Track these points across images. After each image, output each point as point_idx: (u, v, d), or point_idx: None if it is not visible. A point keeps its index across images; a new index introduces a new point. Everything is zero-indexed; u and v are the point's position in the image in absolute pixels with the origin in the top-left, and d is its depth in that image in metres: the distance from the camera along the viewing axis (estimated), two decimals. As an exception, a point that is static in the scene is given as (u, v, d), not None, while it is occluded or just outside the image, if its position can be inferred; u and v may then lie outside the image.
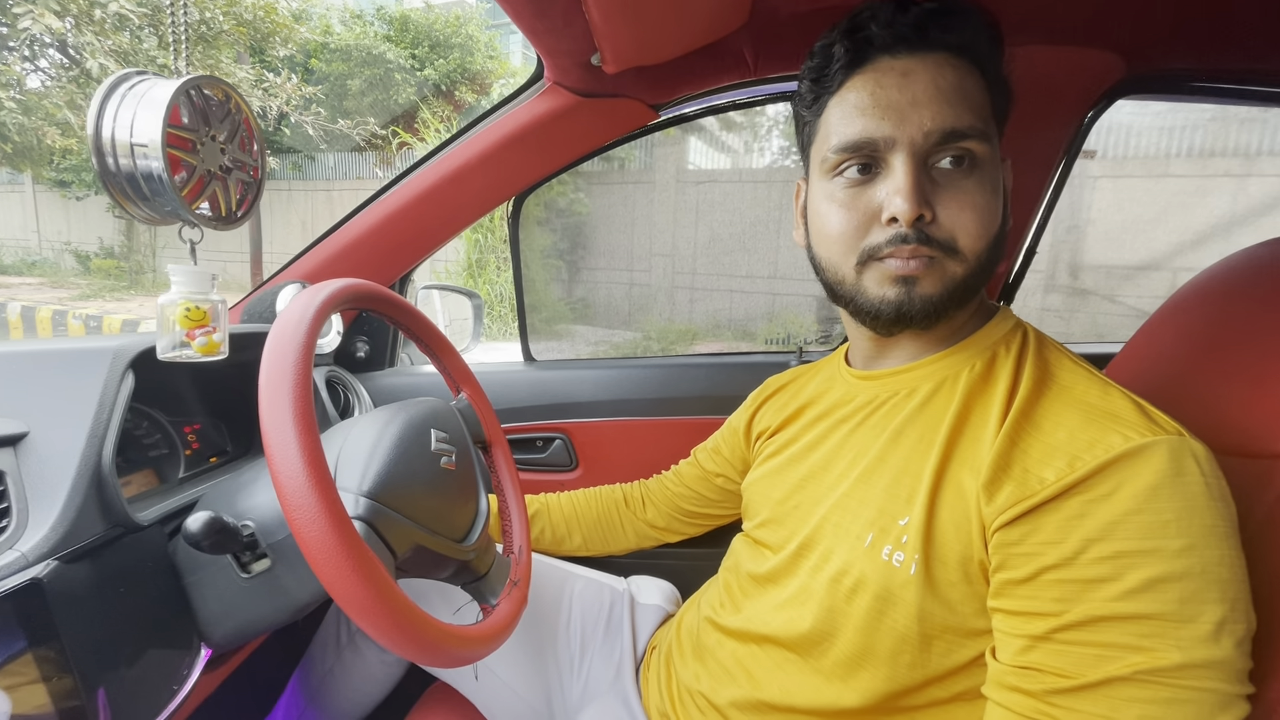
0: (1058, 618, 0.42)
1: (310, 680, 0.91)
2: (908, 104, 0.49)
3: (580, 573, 0.88)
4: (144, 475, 0.69)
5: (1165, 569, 0.39)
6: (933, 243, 0.49)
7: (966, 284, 0.51)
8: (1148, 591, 0.39)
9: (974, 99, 0.50)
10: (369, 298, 0.61)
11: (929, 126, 0.48)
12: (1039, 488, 0.43)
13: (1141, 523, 0.40)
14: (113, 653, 0.49)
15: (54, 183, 8.50)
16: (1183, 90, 0.88)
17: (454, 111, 7.81)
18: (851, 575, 0.53)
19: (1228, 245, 3.31)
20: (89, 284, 8.03)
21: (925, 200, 0.49)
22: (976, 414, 0.51)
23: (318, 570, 0.42)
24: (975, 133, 0.48)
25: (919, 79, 0.49)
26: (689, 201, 5.12)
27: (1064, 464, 0.43)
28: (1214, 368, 0.55)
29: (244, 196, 0.64)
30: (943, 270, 0.50)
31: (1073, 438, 0.44)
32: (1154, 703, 0.38)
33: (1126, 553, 0.40)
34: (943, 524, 0.48)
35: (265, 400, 0.44)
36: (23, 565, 0.45)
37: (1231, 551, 0.40)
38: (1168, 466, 0.41)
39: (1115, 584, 0.40)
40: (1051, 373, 0.50)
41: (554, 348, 4.97)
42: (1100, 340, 3.44)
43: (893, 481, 0.53)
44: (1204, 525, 0.39)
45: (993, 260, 0.52)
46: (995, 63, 0.52)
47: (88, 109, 0.54)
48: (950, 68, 0.49)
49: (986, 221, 0.50)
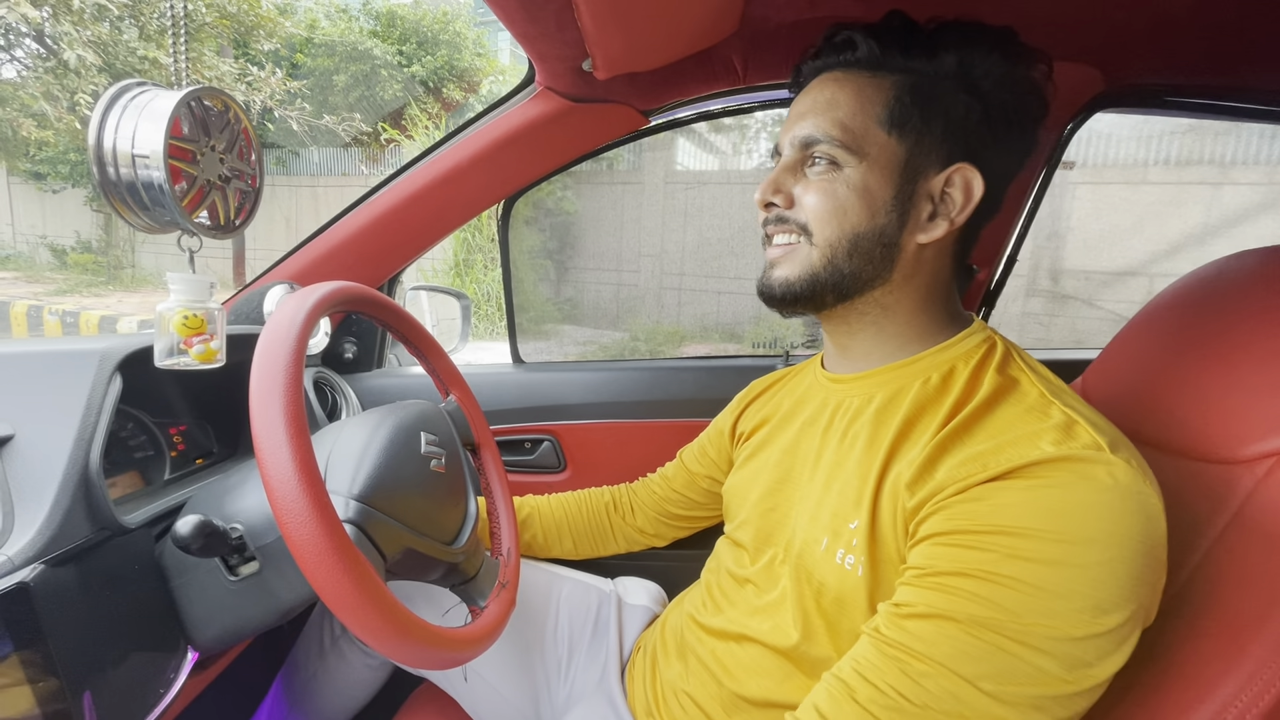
0: (928, 568, 0.46)
1: (294, 684, 0.90)
2: (795, 117, 0.58)
3: (567, 575, 0.88)
4: (129, 477, 0.68)
5: (1035, 549, 0.42)
6: (789, 222, 0.58)
7: (826, 271, 0.56)
8: (1015, 560, 0.42)
9: (843, 109, 0.55)
10: (359, 300, 0.61)
11: (795, 134, 0.57)
12: (948, 484, 0.47)
13: (1032, 509, 0.43)
14: (99, 656, 0.49)
15: (29, 175, 8.33)
16: (1159, 104, 0.90)
17: (442, 109, 7.76)
18: (815, 580, 0.55)
19: (1202, 251, 3.38)
20: (65, 279, 7.86)
21: (779, 189, 0.58)
22: (922, 423, 0.53)
23: (308, 573, 0.43)
24: (827, 139, 0.55)
25: (808, 97, 0.58)
26: (677, 203, 5.13)
27: (977, 467, 0.46)
28: (1184, 375, 0.57)
29: (242, 205, 0.64)
30: (803, 255, 0.57)
31: (996, 447, 0.47)
32: (977, 651, 0.41)
33: (1005, 529, 0.43)
34: (883, 526, 0.51)
35: (256, 404, 0.44)
36: (9, 569, 0.44)
37: (1120, 572, 0.41)
38: (1070, 477, 0.43)
39: (989, 553, 0.43)
40: (1007, 388, 0.52)
41: (541, 348, 4.96)
42: (1079, 346, 3.51)
43: (844, 485, 0.55)
44: (1090, 535, 0.41)
45: (861, 255, 0.55)
46: (926, 68, 0.54)
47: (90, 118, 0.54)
48: (831, 83, 0.57)
49: (835, 210, 0.55)
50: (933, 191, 0.55)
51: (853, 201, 0.54)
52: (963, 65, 0.53)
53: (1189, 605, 0.48)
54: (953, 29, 0.54)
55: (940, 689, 0.42)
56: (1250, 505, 0.47)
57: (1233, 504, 0.48)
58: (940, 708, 0.41)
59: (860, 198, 0.54)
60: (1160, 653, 0.47)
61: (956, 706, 0.41)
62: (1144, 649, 0.48)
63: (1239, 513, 0.48)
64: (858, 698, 0.44)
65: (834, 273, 0.56)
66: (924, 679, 0.42)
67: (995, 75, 0.53)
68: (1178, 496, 0.52)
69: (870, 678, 0.44)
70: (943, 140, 0.54)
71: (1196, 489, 0.51)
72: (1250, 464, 0.48)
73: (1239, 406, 0.51)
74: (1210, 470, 0.51)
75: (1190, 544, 0.50)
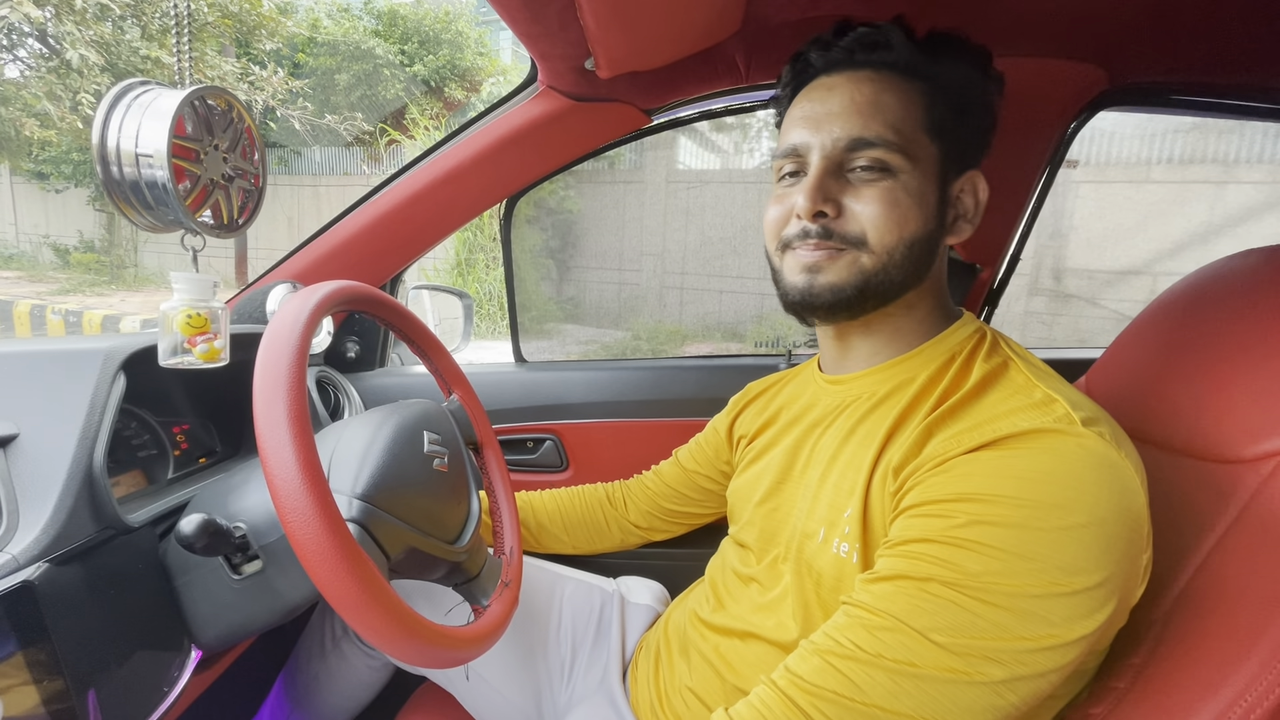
0: (897, 539, 0.47)
1: (296, 683, 0.91)
2: (825, 115, 0.55)
3: (570, 575, 0.88)
4: (133, 476, 0.68)
5: (998, 513, 0.43)
6: (836, 236, 0.55)
7: (879, 276, 0.55)
8: (978, 524, 0.43)
9: (891, 112, 0.54)
10: (362, 300, 0.61)
11: (838, 134, 0.54)
12: (926, 461, 0.48)
13: (998, 476, 0.44)
14: (104, 655, 0.49)
15: (32, 174, 8.33)
16: (1163, 103, 0.90)
17: (444, 109, 7.76)
18: (815, 571, 0.56)
19: (1205, 250, 3.36)
20: (68, 278, 7.87)
21: (828, 198, 0.54)
22: (915, 411, 0.54)
23: (312, 572, 0.43)
24: (882, 142, 0.53)
25: (839, 93, 0.56)
26: (679, 202, 5.13)
27: (955, 444, 0.48)
28: (1188, 375, 0.57)
29: (245, 204, 0.64)
30: (851, 260, 0.55)
31: (976, 424, 0.48)
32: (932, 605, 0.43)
33: (970, 495, 0.44)
34: (874, 511, 0.52)
35: (260, 404, 0.44)
36: (13, 568, 0.45)
37: (1087, 538, 0.41)
38: (1039, 446, 0.44)
39: (952, 519, 0.44)
40: (996, 374, 0.53)
41: (543, 347, 4.96)
42: (1083, 346, 3.50)
43: (840, 477, 0.56)
44: (1055, 500, 0.42)
45: (912, 260, 0.55)
46: (944, 84, 0.55)
47: (93, 119, 0.54)
48: (869, 82, 0.55)
49: (896, 218, 0.53)
50: (953, 196, 0.57)
51: (911, 208, 0.54)
52: (981, 75, 0.57)
53: (1192, 605, 0.48)
54: (965, 41, 0.57)
55: (894, 640, 0.43)
56: (1255, 505, 0.47)
57: (1237, 504, 0.48)
58: (892, 656, 0.43)
59: (917, 204, 0.54)
60: (1164, 653, 0.47)
61: (907, 655, 0.42)
62: (1146, 650, 0.48)
63: (1243, 512, 0.48)
64: (819, 650, 0.46)
65: (885, 280, 0.55)
66: (879, 631, 0.44)
67: (999, 88, 0.58)
68: (1182, 496, 0.52)
69: (832, 634, 0.46)
70: (965, 147, 0.57)
71: (1200, 488, 0.51)
72: (1255, 463, 0.48)
73: (1243, 406, 0.51)
74: (1214, 470, 0.51)
75: (1194, 544, 0.50)
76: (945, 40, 0.56)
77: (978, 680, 0.41)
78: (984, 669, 0.41)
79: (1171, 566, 0.50)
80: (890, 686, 0.42)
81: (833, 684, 0.44)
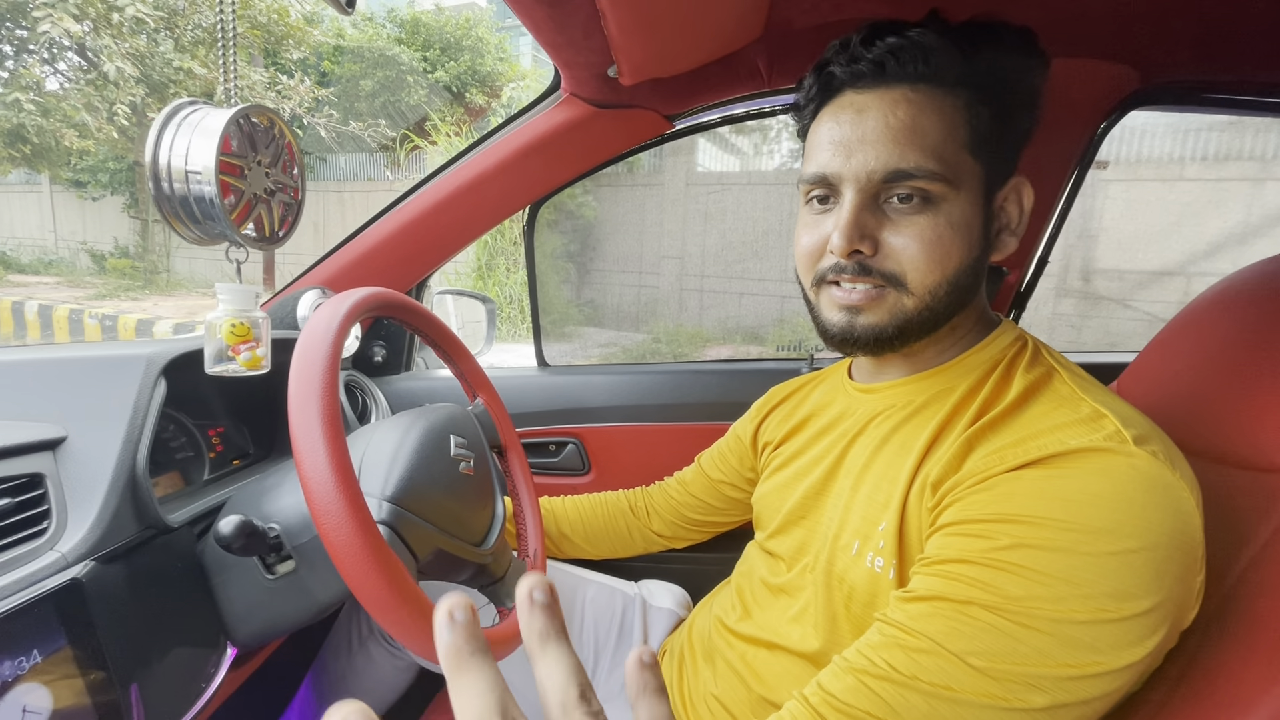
0: (935, 557, 0.46)
1: (324, 681, 0.92)
2: (857, 142, 0.51)
3: (592, 578, 0.88)
4: (170, 477, 0.70)
5: (1043, 536, 0.41)
6: (874, 274, 0.52)
7: (921, 315, 0.52)
8: (1021, 547, 0.42)
9: (931, 136, 0.49)
10: (391, 306, 0.63)
11: (873, 166, 0.50)
12: (967, 478, 0.47)
13: (1042, 498, 0.42)
14: (145, 650, 0.51)
15: (71, 183, 8.61)
16: (1196, 102, 0.88)
17: (465, 114, 7.85)
18: (846, 584, 0.54)
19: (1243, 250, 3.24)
20: (104, 283, 8.12)
21: (865, 235, 0.51)
22: (955, 423, 0.52)
23: (344, 572, 0.44)
24: (923, 173, 0.49)
25: (871, 116, 0.50)
26: (699, 205, 5.12)
27: (998, 460, 0.46)
28: (1226, 381, 0.56)
29: (285, 217, 0.67)
30: (892, 301, 0.52)
31: (1021, 440, 0.46)
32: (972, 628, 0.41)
33: (1013, 517, 0.43)
34: (911, 526, 0.51)
35: (295, 408, 0.46)
36: (62, 565, 0.46)
37: (1138, 563, 0.39)
38: (1087, 467, 0.43)
39: (994, 540, 0.43)
40: (1038, 385, 0.51)
41: (564, 350, 4.98)
42: (1114, 349, 3.41)
43: (874, 489, 0.55)
44: (1103, 525, 0.40)
45: (957, 294, 0.52)
46: (987, 87, 0.51)
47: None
48: (905, 103, 0.50)
49: (938, 256, 0.50)
50: (997, 208, 0.54)
51: (954, 241, 0.50)
52: (1025, 60, 0.52)
53: (1231, 618, 0.46)
54: (997, 29, 0.51)
55: (931, 663, 0.42)
56: (1296, 515, 0.46)
57: (1277, 513, 0.47)
58: (928, 679, 0.42)
59: (961, 235, 0.51)
60: (1200, 666, 0.46)
61: (944, 679, 0.41)
62: (1183, 662, 0.47)
63: (1284, 522, 0.46)
64: (853, 668, 0.45)
65: (930, 316, 0.53)
66: (915, 653, 0.43)
67: (1044, 72, 0.53)
68: (1219, 505, 0.51)
69: (866, 653, 0.45)
70: (1007, 156, 0.53)
71: (1239, 497, 0.50)
72: (1296, 472, 0.47)
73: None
74: (1254, 478, 0.50)
75: (1232, 554, 0.48)
76: (986, 29, 0.51)
77: (1017, 707, 0.40)
78: (1025, 695, 0.40)
79: (1210, 577, 0.49)
80: (925, 710, 0.41)
81: (866, 704, 0.43)
